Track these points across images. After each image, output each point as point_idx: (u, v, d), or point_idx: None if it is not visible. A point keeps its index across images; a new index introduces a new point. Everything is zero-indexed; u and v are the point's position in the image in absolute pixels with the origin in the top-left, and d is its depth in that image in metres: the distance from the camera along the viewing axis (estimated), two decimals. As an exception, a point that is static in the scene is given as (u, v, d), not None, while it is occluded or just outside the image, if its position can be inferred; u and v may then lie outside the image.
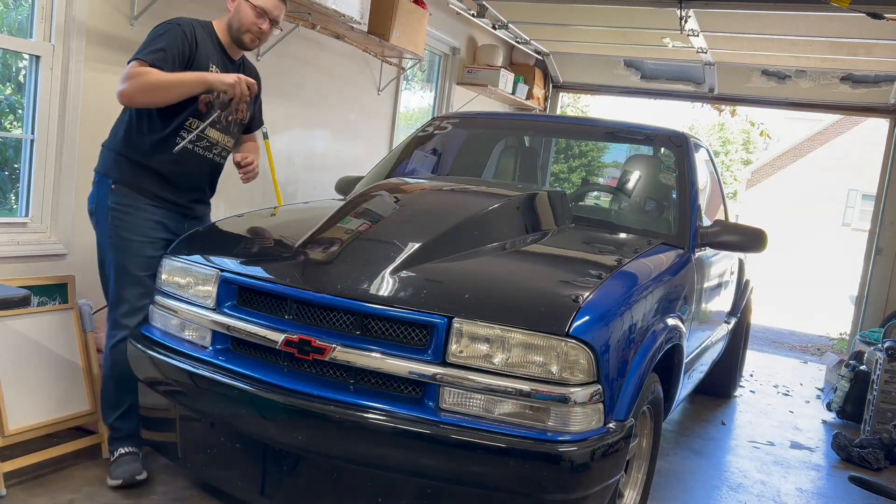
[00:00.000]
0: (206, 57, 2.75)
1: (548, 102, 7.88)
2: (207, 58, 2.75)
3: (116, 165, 2.75)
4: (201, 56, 2.73)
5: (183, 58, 2.66)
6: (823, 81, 6.63)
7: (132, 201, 2.73)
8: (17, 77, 3.17)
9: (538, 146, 4.49)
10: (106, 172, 2.77)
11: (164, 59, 2.59)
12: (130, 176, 2.74)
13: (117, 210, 2.72)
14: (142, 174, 2.74)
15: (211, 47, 2.79)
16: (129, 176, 2.74)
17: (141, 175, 2.74)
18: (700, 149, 3.85)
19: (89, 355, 2.98)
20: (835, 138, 23.60)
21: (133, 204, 2.72)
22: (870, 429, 4.47)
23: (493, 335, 2.01)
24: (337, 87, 4.98)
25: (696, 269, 3.14)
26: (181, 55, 2.65)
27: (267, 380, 2.16)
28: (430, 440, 1.96)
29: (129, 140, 2.74)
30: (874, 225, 6.52)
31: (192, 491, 2.78)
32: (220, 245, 2.60)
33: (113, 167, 2.75)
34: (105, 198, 2.74)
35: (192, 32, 2.71)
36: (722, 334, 4.24)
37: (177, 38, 2.65)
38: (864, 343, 5.44)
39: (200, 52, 2.73)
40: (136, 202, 2.73)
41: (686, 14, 5.09)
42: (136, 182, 2.74)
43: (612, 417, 2.09)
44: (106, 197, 2.74)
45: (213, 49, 2.80)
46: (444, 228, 2.42)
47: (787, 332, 9.92)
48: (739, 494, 3.49)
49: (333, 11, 3.98)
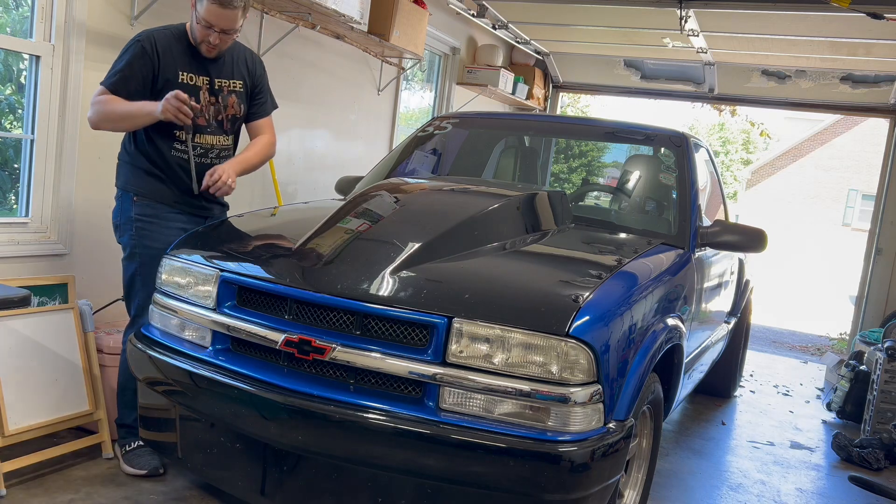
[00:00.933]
0: (174, 66, 2.78)
1: (548, 102, 7.88)
2: (175, 67, 2.78)
3: (134, 177, 2.85)
4: (166, 67, 2.76)
5: (145, 74, 2.72)
6: (823, 81, 6.63)
7: (155, 210, 2.83)
8: (17, 77, 3.17)
9: (538, 146, 4.49)
10: (125, 186, 2.87)
11: (123, 82, 2.69)
12: (148, 185, 2.84)
13: (142, 221, 2.82)
14: (156, 182, 2.84)
15: (179, 54, 2.79)
16: (147, 186, 2.84)
17: (156, 183, 2.84)
18: (700, 149, 3.84)
19: (89, 355, 2.98)
20: (835, 138, 23.61)
21: (156, 213, 2.83)
22: (870, 429, 4.47)
23: (493, 335, 2.01)
24: (337, 87, 4.98)
25: (696, 269, 3.14)
26: (142, 72, 2.71)
27: (267, 380, 2.16)
28: (430, 440, 1.96)
29: (136, 151, 2.84)
30: (874, 225, 6.52)
31: (192, 491, 2.78)
32: (220, 245, 2.60)
33: (131, 179, 2.85)
34: (129, 210, 2.83)
35: (152, 46, 2.73)
36: (722, 334, 4.24)
37: (135, 58, 2.71)
38: (864, 343, 5.45)
39: (165, 63, 2.76)
40: (158, 211, 2.84)
41: (686, 14, 5.09)
42: (156, 192, 2.84)
43: (612, 417, 2.09)
44: (130, 209, 2.83)
45: (183, 55, 2.80)
46: (444, 228, 2.42)
47: (787, 332, 9.92)
48: (739, 494, 3.49)
49: (333, 11, 3.98)
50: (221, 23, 2.72)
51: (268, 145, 3.07)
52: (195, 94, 2.81)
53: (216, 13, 2.69)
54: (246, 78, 2.98)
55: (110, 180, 3.40)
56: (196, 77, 2.82)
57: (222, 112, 2.91)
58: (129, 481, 2.80)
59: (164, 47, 2.75)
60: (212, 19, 2.70)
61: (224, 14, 2.70)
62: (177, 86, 2.75)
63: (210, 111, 2.87)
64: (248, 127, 3.10)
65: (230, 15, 2.71)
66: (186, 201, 2.89)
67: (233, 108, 2.93)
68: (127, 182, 2.86)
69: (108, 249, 3.44)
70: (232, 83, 2.94)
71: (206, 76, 2.85)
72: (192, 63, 2.81)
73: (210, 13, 2.69)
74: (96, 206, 3.35)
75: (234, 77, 2.94)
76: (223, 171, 2.82)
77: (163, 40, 2.76)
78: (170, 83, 2.75)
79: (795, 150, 24.48)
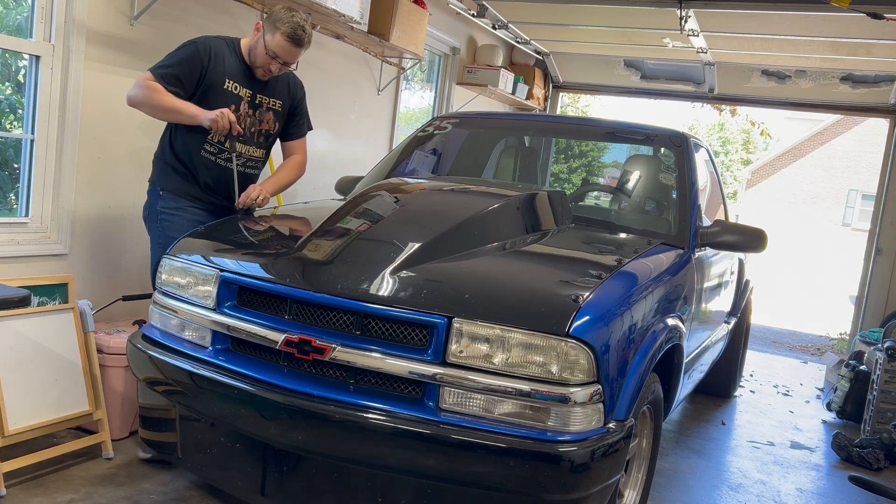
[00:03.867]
0: (222, 74, 2.95)
1: (548, 102, 7.88)
2: (224, 74, 2.95)
3: (164, 174, 3.05)
4: (215, 73, 2.93)
5: (192, 76, 2.89)
6: (823, 81, 6.63)
7: (178, 204, 3.02)
8: (17, 77, 3.17)
9: (538, 146, 4.49)
10: (155, 181, 3.07)
11: (172, 77, 2.85)
12: (174, 182, 3.03)
13: (165, 213, 3.01)
14: (182, 179, 3.03)
15: (231, 64, 2.98)
16: (173, 182, 3.03)
17: (181, 180, 3.03)
18: (700, 149, 3.84)
19: (89, 355, 2.98)
20: (835, 138, 23.61)
21: (179, 206, 3.02)
22: (870, 429, 4.47)
23: (493, 335, 2.01)
24: (337, 87, 4.98)
25: (696, 269, 3.14)
26: (190, 72, 2.88)
27: (267, 380, 2.16)
28: (430, 440, 1.96)
29: (170, 150, 3.04)
30: (874, 225, 6.52)
31: (192, 491, 2.78)
32: (220, 245, 2.60)
33: (161, 175, 3.05)
34: (155, 203, 3.04)
35: (206, 51, 2.91)
36: (722, 334, 4.24)
37: (189, 57, 2.88)
38: (864, 343, 5.44)
39: (215, 69, 2.93)
40: (181, 205, 3.02)
41: (686, 14, 5.09)
42: (180, 187, 3.03)
43: (612, 417, 2.09)
44: (156, 202, 3.04)
45: (236, 65, 2.99)
46: (444, 228, 2.42)
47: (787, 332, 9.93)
48: (739, 494, 3.49)
49: (333, 11, 3.98)
50: (288, 57, 2.95)
51: (299, 165, 3.29)
52: (237, 103, 2.99)
53: (287, 49, 2.91)
54: (286, 99, 3.18)
55: (110, 180, 3.41)
56: (240, 88, 3.00)
57: (257, 125, 3.09)
58: (129, 481, 2.80)
59: (217, 54, 2.93)
60: (280, 52, 2.91)
61: (294, 51, 2.94)
62: (221, 92, 2.94)
63: (246, 122, 3.05)
64: (284, 146, 3.30)
65: (298, 52, 2.96)
66: (208, 199, 3.07)
67: (267, 125, 3.11)
68: (157, 178, 3.07)
69: (108, 249, 3.44)
70: (272, 101, 3.12)
71: (250, 90, 3.04)
72: (240, 75, 3.00)
73: (280, 47, 2.89)
74: (96, 206, 3.35)
75: (275, 96, 3.13)
76: (261, 191, 3.04)
77: (218, 48, 2.95)
78: (214, 88, 2.93)
79: (795, 150, 24.48)
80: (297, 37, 2.88)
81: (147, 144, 3.53)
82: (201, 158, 3.01)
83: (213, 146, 3.00)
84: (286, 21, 2.87)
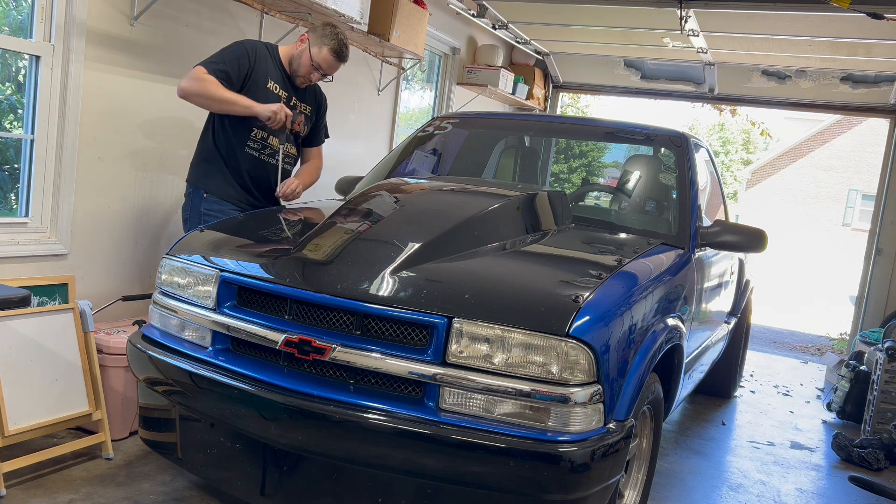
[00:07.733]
0: (265, 74, 3.18)
1: (548, 102, 7.88)
2: (266, 75, 3.18)
3: (207, 175, 3.20)
4: (259, 73, 3.15)
5: (240, 73, 3.10)
6: (823, 81, 6.63)
7: (221, 206, 3.18)
8: (17, 77, 3.17)
9: (538, 146, 4.49)
10: (196, 182, 3.23)
11: (223, 72, 3.04)
12: (217, 184, 3.19)
13: (208, 215, 3.14)
14: (224, 180, 3.20)
15: (272, 67, 3.22)
16: (216, 184, 3.19)
17: (223, 181, 3.20)
18: (700, 149, 3.84)
19: (89, 355, 2.98)
20: (835, 138, 23.63)
21: (222, 209, 3.17)
22: (870, 429, 4.47)
23: (493, 335, 2.01)
24: (337, 87, 4.97)
25: (696, 270, 3.14)
26: (238, 70, 3.09)
27: (267, 380, 2.16)
28: (430, 440, 1.96)
29: (213, 146, 3.20)
30: (874, 225, 6.52)
31: (192, 491, 2.78)
32: (220, 245, 2.60)
33: (202, 177, 3.21)
34: (198, 205, 3.19)
35: (253, 52, 3.15)
36: (722, 334, 4.24)
37: (238, 57, 3.10)
38: (864, 343, 5.45)
39: (259, 70, 3.16)
40: (224, 207, 3.18)
41: (686, 14, 5.09)
42: (223, 189, 3.19)
43: (612, 418, 2.09)
44: (199, 204, 3.19)
45: (274, 69, 3.23)
46: (444, 228, 2.42)
47: (787, 332, 9.93)
48: (739, 494, 3.49)
49: (333, 11, 3.98)
50: (330, 70, 3.25)
51: (317, 170, 3.54)
52: (275, 102, 3.17)
53: (331, 63, 3.21)
54: (314, 106, 3.44)
55: (110, 180, 3.41)
56: (279, 90, 3.24)
57: (291, 126, 3.25)
58: (129, 481, 2.80)
59: (260, 56, 3.18)
60: (324, 65, 3.21)
61: (336, 65, 3.24)
62: (263, 90, 3.16)
63: None
64: (304, 151, 3.51)
65: (339, 66, 3.26)
66: (247, 199, 3.26)
67: (299, 126, 3.29)
68: (198, 179, 3.22)
69: (107, 249, 3.44)
70: (304, 106, 3.38)
71: (287, 93, 3.28)
72: (280, 78, 3.25)
73: (325, 61, 3.19)
74: (96, 206, 3.35)
75: (306, 101, 3.39)
76: (298, 184, 3.31)
77: (261, 51, 3.20)
78: (256, 86, 3.14)
79: (795, 150, 24.49)
80: (342, 53, 3.21)
81: (147, 144, 3.53)
82: (245, 154, 3.20)
83: (256, 143, 3.21)
84: (332, 37, 3.18)
